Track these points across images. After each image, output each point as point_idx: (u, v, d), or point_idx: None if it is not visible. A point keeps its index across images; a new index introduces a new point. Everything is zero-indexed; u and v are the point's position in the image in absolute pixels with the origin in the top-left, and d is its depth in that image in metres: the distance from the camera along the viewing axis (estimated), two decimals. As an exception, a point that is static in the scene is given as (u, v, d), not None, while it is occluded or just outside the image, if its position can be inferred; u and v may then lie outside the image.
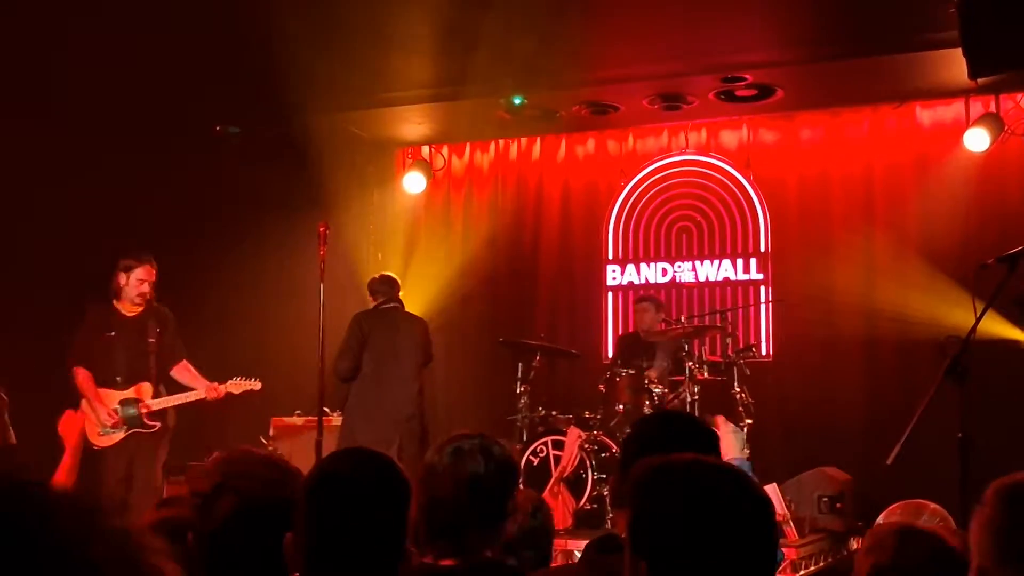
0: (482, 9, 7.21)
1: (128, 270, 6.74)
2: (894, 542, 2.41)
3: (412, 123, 9.31)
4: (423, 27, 7.55)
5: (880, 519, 6.40)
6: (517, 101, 8.57)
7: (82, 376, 6.65)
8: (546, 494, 7.44)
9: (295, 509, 2.30)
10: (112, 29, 7.16)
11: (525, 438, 7.86)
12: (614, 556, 2.26)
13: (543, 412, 8.07)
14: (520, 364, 8.15)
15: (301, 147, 8.50)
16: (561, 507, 7.24)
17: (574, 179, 9.66)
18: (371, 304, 7.68)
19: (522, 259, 9.59)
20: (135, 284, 6.74)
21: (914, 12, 7.07)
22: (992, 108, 8.18)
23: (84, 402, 6.64)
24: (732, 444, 3.34)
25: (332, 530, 2.26)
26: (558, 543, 6.49)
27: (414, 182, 9.68)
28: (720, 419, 7.45)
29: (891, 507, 6.33)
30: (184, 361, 6.93)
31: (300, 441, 7.77)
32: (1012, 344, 7.67)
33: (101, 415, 6.56)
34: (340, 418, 7.64)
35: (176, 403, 6.79)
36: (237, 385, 6.85)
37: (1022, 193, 8.02)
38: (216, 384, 6.80)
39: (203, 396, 6.79)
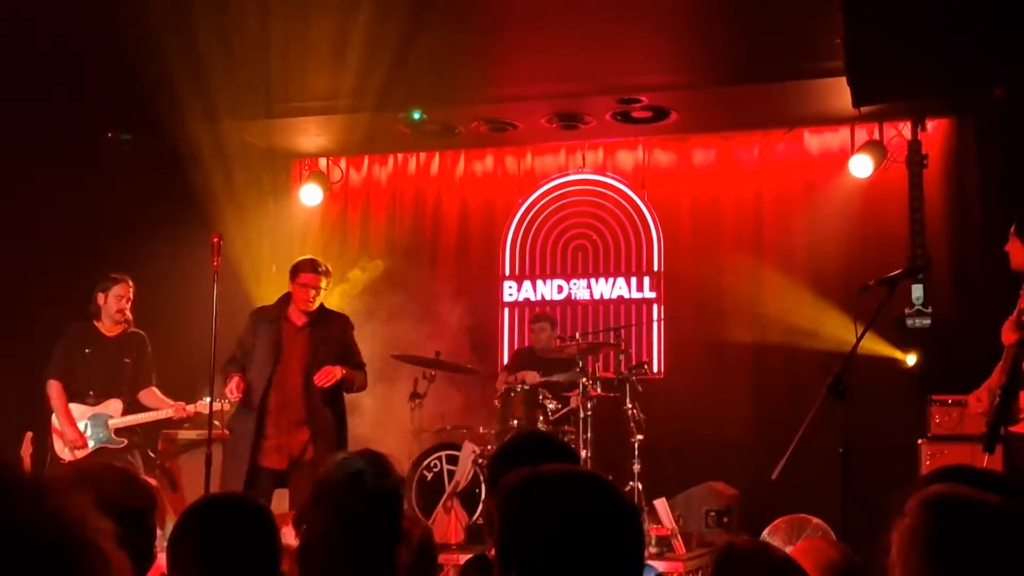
0: (381, 23, 7.21)
1: (106, 289, 6.89)
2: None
3: (310, 135, 9.24)
4: (321, 38, 7.51)
5: (765, 533, 6.56)
6: (416, 116, 8.59)
7: (56, 391, 6.77)
8: (439, 509, 7.44)
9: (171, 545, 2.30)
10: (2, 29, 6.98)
11: (419, 452, 7.85)
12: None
13: (438, 427, 8.07)
14: (415, 379, 8.14)
15: (195, 156, 8.36)
16: (454, 522, 7.26)
17: (472, 195, 9.70)
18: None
19: (419, 273, 9.59)
20: (114, 302, 6.89)
21: (802, 41, 7.31)
22: (876, 136, 8.47)
23: (54, 418, 6.76)
24: None
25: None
26: (450, 558, 6.50)
27: (311, 194, 9.60)
28: None
29: (776, 522, 6.50)
30: (152, 387, 7.02)
31: (189, 456, 7.63)
32: (891, 362, 7.96)
33: (68, 435, 6.68)
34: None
35: (143, 421, 6.89)
36: (207, 405, 6.73)
37: (903, 218, 8.31)
38: (183, 404, 6.89)
39: (171, 415, 6.92)
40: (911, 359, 8.00)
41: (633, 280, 9.25)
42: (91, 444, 6.73)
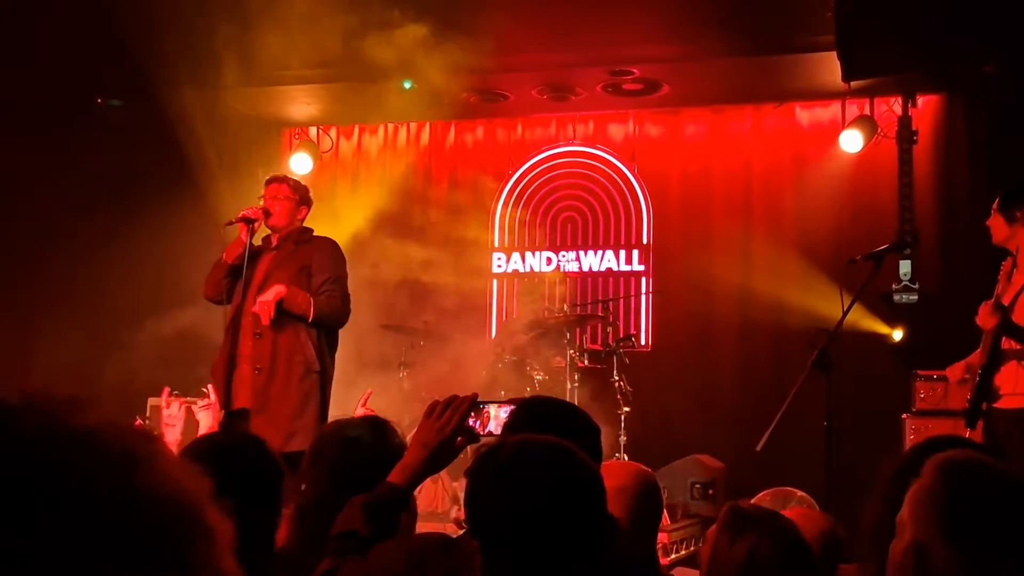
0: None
1: None
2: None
3: (300, 103, 9.21)
4: (313, 6, 7.46)
5: (749, 505, 6.62)
6: (407, 85, 8.54)
7: None
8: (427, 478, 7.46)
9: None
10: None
11: (407, 422, 7.86)
12: None
13: (425, 397, 8.08)
14: (403, 349, 8.15)
15: (185, 122, 8.31)
16: (440, 491, 7.28)
17: (462, 166, 9.68)
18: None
19: (408, 244, 9.57)
20: None
21: (794, 15, 7.29)
22: (866, 111, 8.47)
23: None
24: None
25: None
26: (436, 526, 6.53)
27: (300, 163, 9.57)
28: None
29: (760, 494, 6.55)
30: None
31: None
32: (878, 337, 7.99)
33: None
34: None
35: None
36: None
37: (892, 193, 8.32)
38: None
39: None
40: (897, 334, 8.04)
41: (622, 253, 9.26)
42: None
